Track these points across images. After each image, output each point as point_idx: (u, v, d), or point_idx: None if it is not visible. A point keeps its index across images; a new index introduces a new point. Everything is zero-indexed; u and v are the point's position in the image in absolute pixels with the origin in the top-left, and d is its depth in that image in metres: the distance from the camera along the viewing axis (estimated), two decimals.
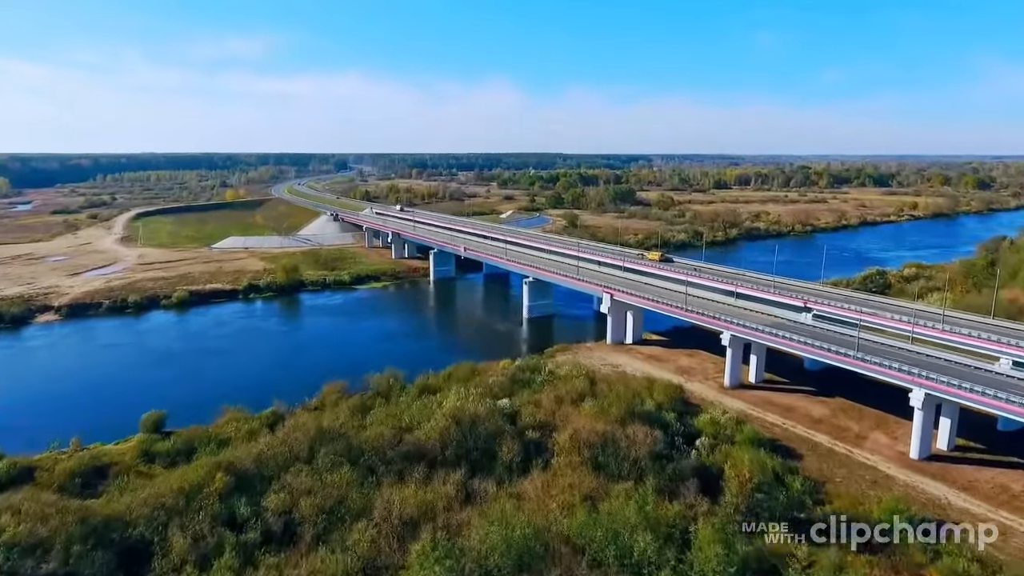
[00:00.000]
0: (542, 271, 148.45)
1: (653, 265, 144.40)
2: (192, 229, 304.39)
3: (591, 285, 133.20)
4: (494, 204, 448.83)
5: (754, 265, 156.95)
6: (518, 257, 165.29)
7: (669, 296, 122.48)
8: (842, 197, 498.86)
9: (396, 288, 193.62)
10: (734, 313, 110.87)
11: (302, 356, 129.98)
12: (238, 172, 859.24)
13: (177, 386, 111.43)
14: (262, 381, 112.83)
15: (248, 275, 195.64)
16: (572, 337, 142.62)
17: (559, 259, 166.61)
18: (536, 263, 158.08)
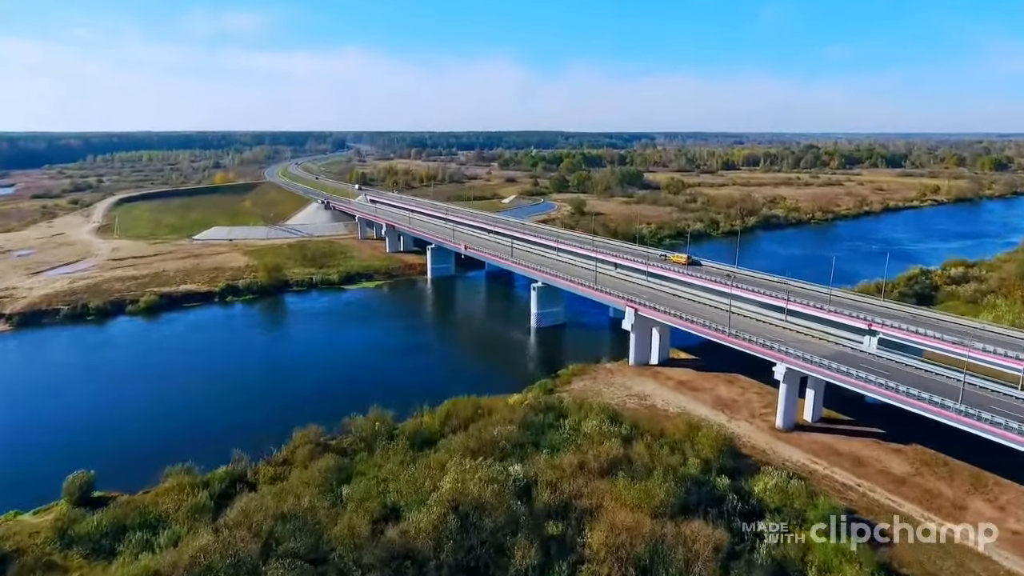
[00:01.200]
0: (554, 277, 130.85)
1: (680, 271, 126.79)
2: (175, 217, 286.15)
3: (612, 297, 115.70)
4: (495, 187, 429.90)
5: (776, 260, 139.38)
6: (525, 258, 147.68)
7: (704, 312, 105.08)
8: (857, 179, 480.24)
9: (390, 288, 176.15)
10: (787, 338, 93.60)
11: (277, 377, 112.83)
12: (233, 152, 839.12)
13: (127, 423, 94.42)
14: (227, 412, 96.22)
15: (228, 273, 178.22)
16: (587, 352, 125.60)
17: (571, 260, 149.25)
18: (545, 265, 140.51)
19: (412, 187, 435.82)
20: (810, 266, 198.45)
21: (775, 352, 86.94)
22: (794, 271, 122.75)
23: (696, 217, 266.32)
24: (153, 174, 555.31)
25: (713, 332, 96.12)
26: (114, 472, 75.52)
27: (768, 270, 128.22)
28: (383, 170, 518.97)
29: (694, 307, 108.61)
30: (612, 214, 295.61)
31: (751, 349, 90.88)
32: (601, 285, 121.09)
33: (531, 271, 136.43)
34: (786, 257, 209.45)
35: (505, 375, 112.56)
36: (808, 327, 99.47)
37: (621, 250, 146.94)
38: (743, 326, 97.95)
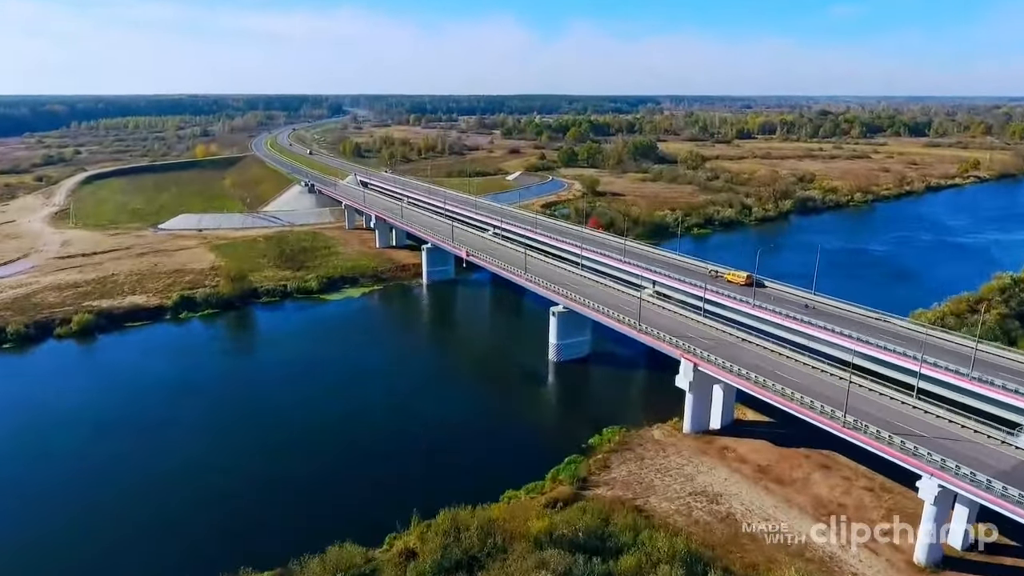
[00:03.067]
0: (582, 307, 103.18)
1: (740, 299, 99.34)
2: (144, 199, 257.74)
3: (665, 344, 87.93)
4: (498, 160, 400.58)
5: (822, 256, 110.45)
6: (542, 272, 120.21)
7: (800, 376, 77.76)
8: (884, 151, 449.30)
9: (378, 297, 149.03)
10: (924, 428, 66.59)
11: (221, 442, 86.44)
12: (223, 118, 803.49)
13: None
14: (137, 509, 70.23)
15: (188, 278, 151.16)
16: (622, 398, 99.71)
17: (600, 268, 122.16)
18: (567, 283, 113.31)
19: (409, 160, 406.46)
20: (870, 266, 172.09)
21: (924, 464, 59.83)
22: (856, 277, 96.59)
23: (725, 201, 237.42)
24: (136, 143, 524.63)
25: (830, 423, 68.08)
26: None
27: (811, 270, 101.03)
28: (379, 140, 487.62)
29: (787, 368, 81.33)
30: (629, 195, 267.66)
31: (891, 455, 63.27)
32: (650, 330, 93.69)
33: (551, 293, 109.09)
34: (833, 253, 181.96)
35: (519, 439, 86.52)
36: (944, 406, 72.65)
37: (659, 262, 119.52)
38: (863, 406, 70.62)
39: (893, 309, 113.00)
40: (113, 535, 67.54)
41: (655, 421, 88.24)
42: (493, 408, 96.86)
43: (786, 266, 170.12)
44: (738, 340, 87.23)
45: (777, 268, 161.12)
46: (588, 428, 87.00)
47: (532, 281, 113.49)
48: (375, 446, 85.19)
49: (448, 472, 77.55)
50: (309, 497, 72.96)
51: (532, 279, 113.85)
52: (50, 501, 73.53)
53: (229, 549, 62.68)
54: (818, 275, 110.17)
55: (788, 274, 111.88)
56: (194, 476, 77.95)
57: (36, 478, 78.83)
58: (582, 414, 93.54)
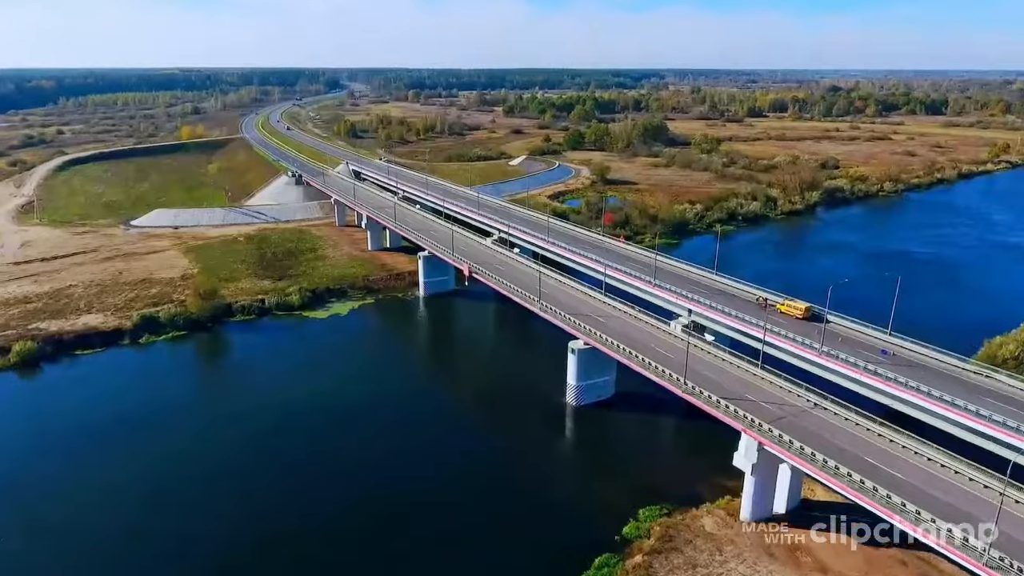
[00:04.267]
0: (612, 352, 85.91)
1: (802, 342, 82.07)
2: (121, 189, 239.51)
3: (723, 415, 70.35)
4: (500, 141, 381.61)
5: (866, 263, 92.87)
6: (559, 296, 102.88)
7: (899, 466, 60.95)
8: (904, 131, 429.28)
9: (369, 312, 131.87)
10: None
11: (163, 529, 70.07)
12: (217, 94, 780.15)
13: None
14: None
15: (154, 291, 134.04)
16: (655, 458, 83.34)
17: (620, 295, 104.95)
18: (585, 309, 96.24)
19: (407, 142, 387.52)
20: (918, 272, 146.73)
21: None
22: (909, 290, 78.97)
23: (748, 192, 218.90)
24: (123, 122, 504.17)
25: (957, 552, 51.38)
26: None
27: (856, 281, 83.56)
28: (376, 119, 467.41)
29: (854, 435, 64.72)
30: (641, 183, 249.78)
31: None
32: (707, 398, 76.60)
33: (571, 328, 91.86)
34: (874, 257, 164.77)
35: (531, 524, 69.91)
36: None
37: (695, 283, 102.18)
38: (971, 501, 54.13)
39: (962, 336, 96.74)
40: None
41: (702, 492, 72.07)
42: (498, 475, 79.96)
43: (823, 274, 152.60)
44: (810, 405, 70.00)
45: (815, 278, 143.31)
46: (620, 506, 70.77)
47: (547, 312, 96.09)
48: (365, 509, 69.19)
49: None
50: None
51: (547, 308, 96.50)
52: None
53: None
54: (872, 291, 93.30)
55: (826, 287, 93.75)
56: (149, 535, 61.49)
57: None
58: (611, 484, 76.91)
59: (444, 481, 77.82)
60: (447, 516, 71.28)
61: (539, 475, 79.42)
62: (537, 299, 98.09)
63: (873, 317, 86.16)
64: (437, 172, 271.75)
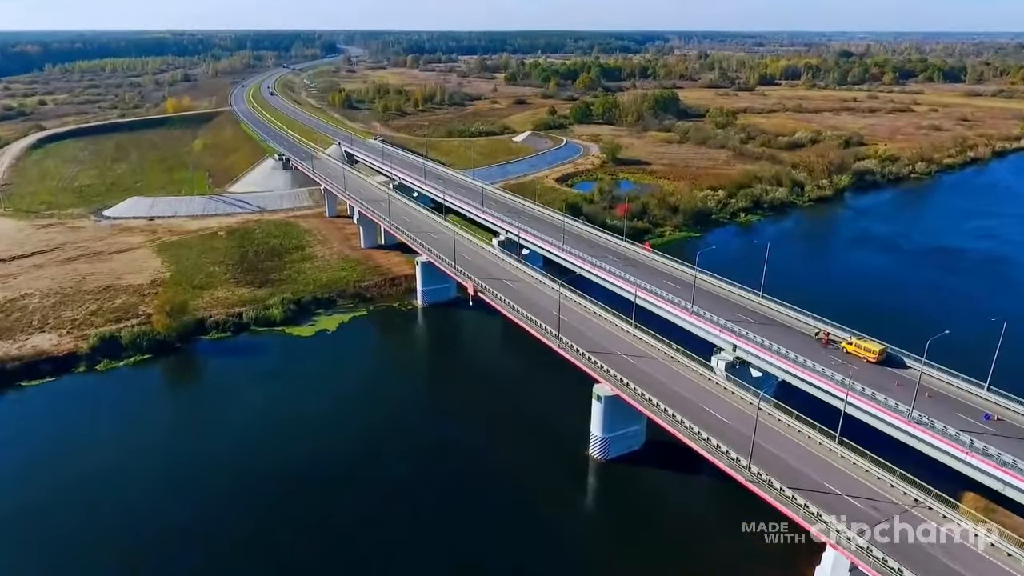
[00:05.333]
0: (653, 413, 71.06)
1: (891, 405, 67.28)
2: (96, 171, 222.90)
3: (813, 527, 55.50)
4: (503, 113, 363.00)
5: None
6: (583, 327, 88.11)
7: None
8: (924, 101, 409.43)
9: (360, 327, 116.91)
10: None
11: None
12: (208, 59, 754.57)
13: None
14: None
15: (119, 300, 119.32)
16: (700, 535, 69.34)
17: (652, 305, 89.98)
18: (614, 343, 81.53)
19: (405, 113, 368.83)
20: (974, 277, 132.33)
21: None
22: (977, 308, 64.06)
23: (771, 175, 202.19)
24: (109, 90, 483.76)
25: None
26: None
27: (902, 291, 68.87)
28: (372, 88, 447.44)
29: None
30: (654, 162, 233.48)
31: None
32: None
33: (599, 375, 76.96)
34: (916, 255, 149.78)
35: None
36: None
37: (739, 308, 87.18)
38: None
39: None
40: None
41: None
42: (507, 552, 66.06)
43: (869, 278, 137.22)
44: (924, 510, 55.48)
45: (861, 284, 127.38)
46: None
47: (568, 350, 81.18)
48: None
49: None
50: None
51: (568, 346, 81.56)
52: None
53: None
54: (924, 306, 78.41)
55: (873, 296, 79.07)
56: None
57: None
58: (644, 565, 63.13)
59: (443, 553, 63.98)
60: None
61: (556, 552, 65.56)
62: (555, 333, 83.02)
63: (953, 351, 71.20)
64: (436, 149, 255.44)
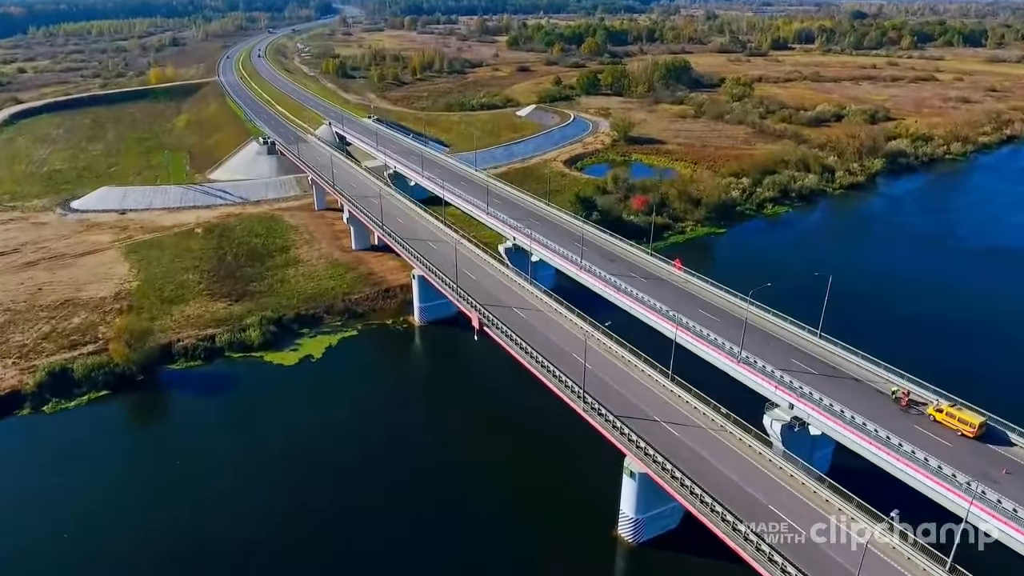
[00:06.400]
0: (694, 509, 57.87)
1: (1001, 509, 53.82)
2: (68, 153, 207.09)
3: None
4: (505, 82, 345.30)
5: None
6: (619, 376, 74.36)
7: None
8: (947, 68, 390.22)
9: (350, 350, 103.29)
10: None
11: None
12: (200, 21, 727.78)
13: None
14: None
15: (76, 319, 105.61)
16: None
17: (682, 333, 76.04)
18: (649, 405, 67.98)
19: (403, 83, 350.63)
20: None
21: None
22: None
23: (796, 158, 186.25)
24: (94, 56, 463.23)
25: None
26: None
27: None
28: (369, 54, 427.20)
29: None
30: (670, 142, 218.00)
31: None
32: None
33: (628, 451, 63.35)
34: (968, 256, 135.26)
35: None
36: None
37: (801, 359, 73.16)
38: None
39: None
40: None
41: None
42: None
43: (920, 296, 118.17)
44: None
45: (910, 305, 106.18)
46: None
47: (594, 416, 67.32)
48: None
49: None
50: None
51: (595, 410, 67.63)
52: None
53: None
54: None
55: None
56: None
57: None
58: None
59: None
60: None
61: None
62: (580, 391, 68.98)
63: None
64: (435, 126, 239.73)
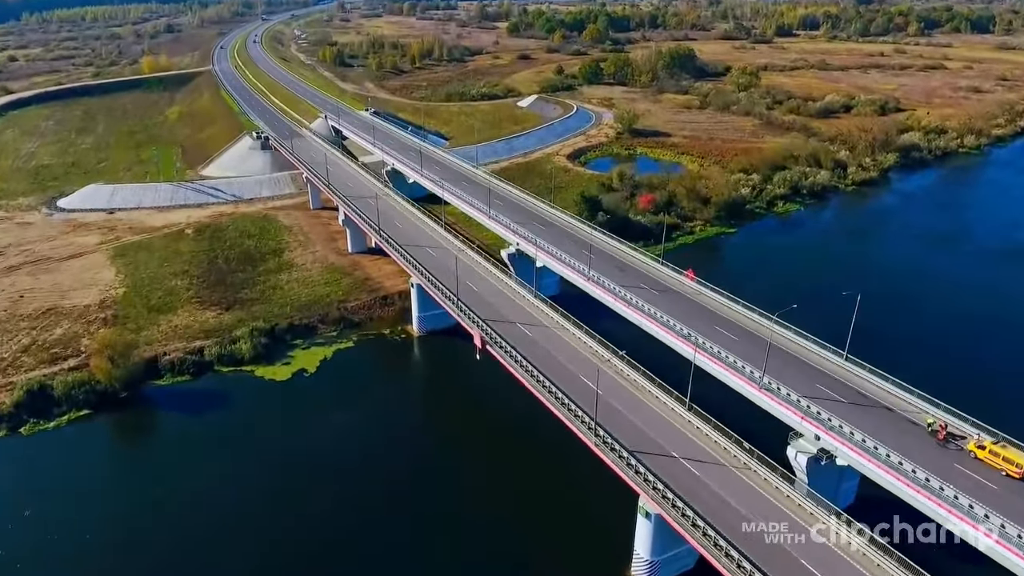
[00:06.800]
0: (702, 551, 53.26)
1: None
2: (57, 147, 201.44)
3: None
4: (506, 70, 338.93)
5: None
6: (633, 404, 69.41)
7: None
8: (956, 56, 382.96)
9: (346, 363, 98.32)
10: None
11: None
12: (195, 6, 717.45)
13: None
14: None
15: (59, 330, 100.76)
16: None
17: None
18: (664, 436, 63.20)
19: (402, 72, 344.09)
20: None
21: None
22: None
23: (807, 152, 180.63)
24: (87, 43, 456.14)
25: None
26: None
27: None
28: (367, 41, 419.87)
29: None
30: (676, 135, 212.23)
31: None
32: None
33: (643, 491, 58.51)
34: (994, 256, 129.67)
35: None
36: None
37: (826, 383, 68.17)
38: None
39: None
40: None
41: None
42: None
43: (946, 305, 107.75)
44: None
45: (936, 316, 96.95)
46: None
47: (606, 451, 62.34)
48: None
49: None
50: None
51: (606, 444, 62.70)
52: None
53: None
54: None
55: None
56: None
57: None
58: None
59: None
60: None
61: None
62: (593, 422, 64.04)
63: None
64: (435, 117, 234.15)
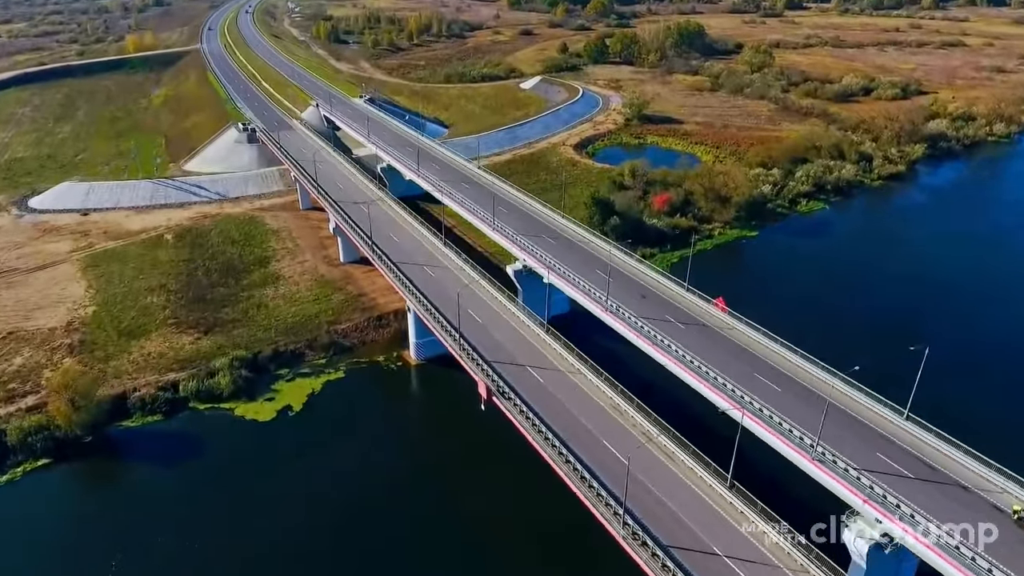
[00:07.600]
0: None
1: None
2: (33, 137, 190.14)
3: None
4: (507, 47, 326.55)
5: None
6: (664, 479, 60.07)
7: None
8: (975, 31, 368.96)
9: (335, 397, 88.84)
10: None
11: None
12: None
13: None
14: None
15: (19, 358, 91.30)
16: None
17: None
18: (700, 521, 54.07)
19: (399, 49, 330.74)
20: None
21: None
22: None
23: (829, 142, 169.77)
24: (73, 17, 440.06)
25: None
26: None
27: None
28: (363, 15, 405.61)
29: None
30: (688, 121, 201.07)
31: None
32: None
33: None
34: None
35: None
36: None
37: (883, 449, 58.75)
38: None
39: None
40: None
41: None
42: None
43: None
44: None
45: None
46: None
47: (636, 548, 52.89)
48: None
49: None
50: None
51: (640, 543, 53.22)
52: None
53: None
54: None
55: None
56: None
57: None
58: None
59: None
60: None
61: None
62: (621, 509, 54.50)
63: None
64: (434, 101, 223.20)
